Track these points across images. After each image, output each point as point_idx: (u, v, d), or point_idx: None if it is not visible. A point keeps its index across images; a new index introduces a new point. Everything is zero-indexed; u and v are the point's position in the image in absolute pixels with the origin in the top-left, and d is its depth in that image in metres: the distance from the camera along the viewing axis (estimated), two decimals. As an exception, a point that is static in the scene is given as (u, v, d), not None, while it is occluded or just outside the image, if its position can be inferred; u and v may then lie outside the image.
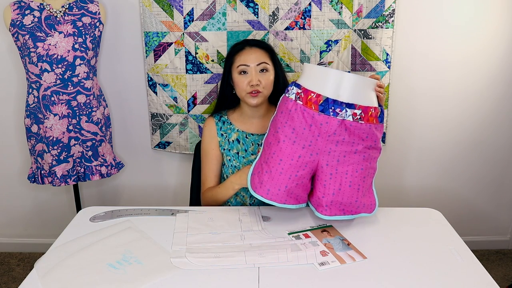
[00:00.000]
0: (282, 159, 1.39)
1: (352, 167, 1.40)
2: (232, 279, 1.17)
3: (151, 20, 2.06)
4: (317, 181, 1.43)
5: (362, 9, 2.05)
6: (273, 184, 1.41)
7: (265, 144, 1.47)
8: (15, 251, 2.54)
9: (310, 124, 1.36)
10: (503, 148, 2.37)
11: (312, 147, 1.38)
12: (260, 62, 1.58)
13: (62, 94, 1.89)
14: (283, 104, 1.42)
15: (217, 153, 1.70)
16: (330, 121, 1.34)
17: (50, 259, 1.25)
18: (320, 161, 1.40)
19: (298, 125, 1.37)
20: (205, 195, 1.69)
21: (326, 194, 1.41)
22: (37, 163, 2.01)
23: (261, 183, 1.42)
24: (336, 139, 1.37)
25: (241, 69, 1.58)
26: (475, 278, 1.18)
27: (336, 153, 1.39)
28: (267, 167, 1.42)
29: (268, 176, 1.41)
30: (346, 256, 1.27)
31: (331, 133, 1.36)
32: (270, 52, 1.64)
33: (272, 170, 1.40)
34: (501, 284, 2.21)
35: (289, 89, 1.43)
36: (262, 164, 1.44)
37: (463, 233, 1.57)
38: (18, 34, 1.84)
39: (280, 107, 1.44)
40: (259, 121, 1.68)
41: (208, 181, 1.70)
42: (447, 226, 1.46)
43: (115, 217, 1.49)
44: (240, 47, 1.63)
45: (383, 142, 2.27)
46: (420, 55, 2.19)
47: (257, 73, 1.58)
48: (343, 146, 1.38)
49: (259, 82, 1.57)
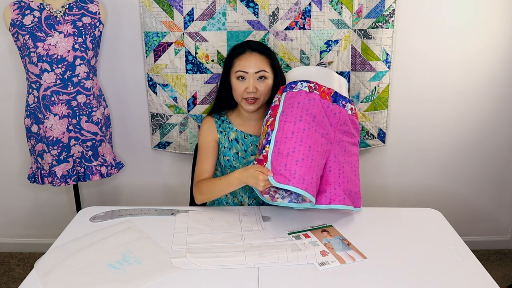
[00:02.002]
0: (311, 145, 1.38)
1: (354, 158, 1.52)
2: (232, 279, 1.17)
3: (151, 20, 2.06)
4: (331, 173, 1.44)
5: (362, 9, 2.05)
6: (307, 172, 1.35)
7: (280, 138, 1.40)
8: (15, 251, 2.54)
9: (326, 113, 1.45)
10: (503, 148, 2.37)
11: (328, 136, 1.44)
12: (259, 70, 1.56)
13: (62, 94, 1.89)
14: (298, 96, 1.44)
15: (214, 145, 1.66)
16: (341, 111, 1.47)
17: (50, 259, 1.25)
18: (332, 151, 1.45)
19: (318, 113, 1.43)
20: (200, 184, 1.59)
21: (342, 183, 1.45)
22: (37, 163, 2.01)
23: (294, 173, 1.34)
24: (344, 129, 1.49)
25: (239, 74, 1.57)
26: (475, 278, 1.19)
27: (343, 143, 1.49)
28: (296, 156, 1.36)
29: (300, 164, 1.35)
30: (346, 256, 1.27)
31: (341, 123, 1.47)
32: (270, 58, 1.61)
33: (304, 157, 1.36)
34: (501, 284, 2.21)
35: (294, 86, 1.46)
36: (288, 155, 1.36)
37: (463, 233, 1.57)
38: (18, 34, 1.84)
39: (292, 99, 1.43)
40: (257, 123, 1.68)
41: (204, 171, 1.63)
42: (447, 226, 1.46)
43: (115, 217, 1.49)
44: (240, 50, 1.60)
45: (383, 142, 2.27)
46: (420, 55, 2.19)
47: (255, 81, 1.56)
48: (347, 136, 1.50)
49: (256, 89, 1.56)
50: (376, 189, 2.39)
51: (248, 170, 1.42)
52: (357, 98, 2.16)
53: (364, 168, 2.33)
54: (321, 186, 1.45)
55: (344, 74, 2.13)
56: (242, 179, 1.45)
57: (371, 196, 2.41)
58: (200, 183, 1.60)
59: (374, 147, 2.29)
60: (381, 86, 2.15)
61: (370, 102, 2.17)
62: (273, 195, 1.44)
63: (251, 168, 1.41)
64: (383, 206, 1.61)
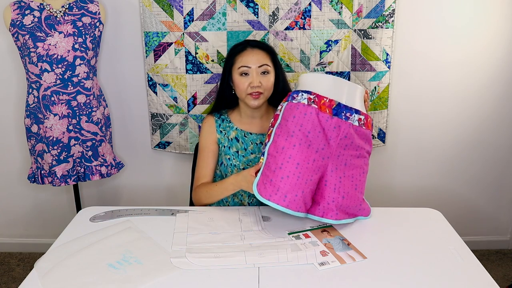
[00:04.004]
0: (300, 162, 1.36)
1: (357, 170, 1.46)
2: (232, 279, 1.17)
3: (151, 20, 2.06)
4: (326, 187, 1.42)
5: (362, 9, 2.05)
6: (290, 190, 1.35)
7: (273, 151, 1.40)
8: (15, 251, 2.54)
9: (323, 128, 1.39)
10: (503, 148, 2.37)
11: (324, 151, 1.40)
12: (261, 64, 1.58)
13: (62, 94, 1.89)
14: (294, 109, 1.40)
15: (214, 149, 1.68)
16: (342, 124, 1.40)
17: (50, 259, 1.25)
18: (330, 165, 1.41)
19: (312, 128, 1.39)
20: (198, 190, 1.64)
21: (336, 198, 1.42)
22: (37, 163, 2.01)
23: (276, 190, 1.35)
24: (345, 143, 1.42)
25: (242, 70, 1.58)
26: (475, 278, 1.18)
27: (344, 157, 1.43)
28: (282, 173, 1.36)
29: (285, 182, 1.35)
30: (346, 256, 1.27)
31: (342, 137, 1.41)
32: (271, 54, 1.63)
33: (290, 175, 1.35)
34: (501, 284, 2.21)
35: (296, 96, 1.42)
36: (275, 171, 1.36)
37: (463, 233, 1.57)
38: (18, 34, 1.84)
39: (289, 112, 1.41)
40: (259, 121, 1.68)
41: (203, 176, 1.66)
42: (447, 226, 1.46)
43: (115, 217, 1.49)
44: (241, 48, 1.62)
45: (383, 142, 2.27)
46: (420, 55, 2.19)
47: (258, 75, 1.58)
48: (350, 150, 1.44)
49: (260, 84, 1.57)
50: (376, 189, 2.39)
51: (241, 173, 1.49)
52: (357, 98, 2.16)
53: (364, 168, 2.33)
54: (316, 197, 1.44)
55: (344, 74, 2.13)
56: (236, 183, 1.51)
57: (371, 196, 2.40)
58: (198, 190, 1.64)
59: (374, 147, 2.29)
60: (381, 86, 2.15)
61: (370, 102, 2.17)
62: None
63: (245, 172, 1.48)
64: (383, 206, 1.60)
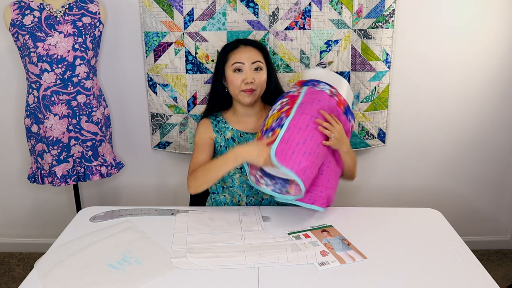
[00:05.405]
0: (319, 144, 1.41)
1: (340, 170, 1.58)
2: (232, 279, 1.17)
3: (151, 20, 2.06)
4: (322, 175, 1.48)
5: (362, 9, 2.05)
6: (309, 166, 1.36)
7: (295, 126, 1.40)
8: (15, 251, 2.54)
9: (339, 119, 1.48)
10: (504, 148, 2.37)
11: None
12: (254, 61, 1.59)
13: (62, 94, 1.89)
14: (320, 95, 1.47)
15: (210, 142, 1.66)
16: (346, 123, 1.50)
17: (50, 259, 1.25)
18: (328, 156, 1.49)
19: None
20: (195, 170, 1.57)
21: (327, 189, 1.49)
22: (37, 163, 2.01)
23: (299, 162, 1.34)
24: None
25: (236, 66, 1.59)
26: (475, 278, 1.19)
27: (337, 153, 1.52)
28: (305, 148, 1.37)
29: (306, 157, 1.36)
30: (346, 256, 1.27)
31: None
32: (263, 51, 1.65)
33: (312, 152, 1.38)
34: (501, 284, 2.21)
35: (317, 84, 1.50)
36: (298, 145, 1.36)
37: (463, 233, 1.57)
38: (18, 34, 1.84)
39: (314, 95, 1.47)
40: (254, 120, 1.68)
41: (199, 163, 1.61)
42: (447, 226, 1.46)
43: (115, 217, 1.49)
44: (234, 45, 1.64)
45: (383, 142, 2.27)
46: (420, 55, 2.19)
47: (252, 71, 1.59)
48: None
49: (253, 80, 1.58)
50: (376, 189, 2.39)
51: (250, 143, 1.49)
52: (357, 98, 2.16)
53: (364, 168, 2.33)
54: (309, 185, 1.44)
55: (344, 74, 2.13)
56: (242, 154, 1.42)
57: (371, 196, 2.41)
58: (195, 170, 1.58)
59: (374, 147, 2.29)
60: (381, 86, 2.15)
61: (370, 102, 2.17)
62: (259, 179, 1.43)
63: (254, 141, 1.47)
64: (383, 206, 1.61)
